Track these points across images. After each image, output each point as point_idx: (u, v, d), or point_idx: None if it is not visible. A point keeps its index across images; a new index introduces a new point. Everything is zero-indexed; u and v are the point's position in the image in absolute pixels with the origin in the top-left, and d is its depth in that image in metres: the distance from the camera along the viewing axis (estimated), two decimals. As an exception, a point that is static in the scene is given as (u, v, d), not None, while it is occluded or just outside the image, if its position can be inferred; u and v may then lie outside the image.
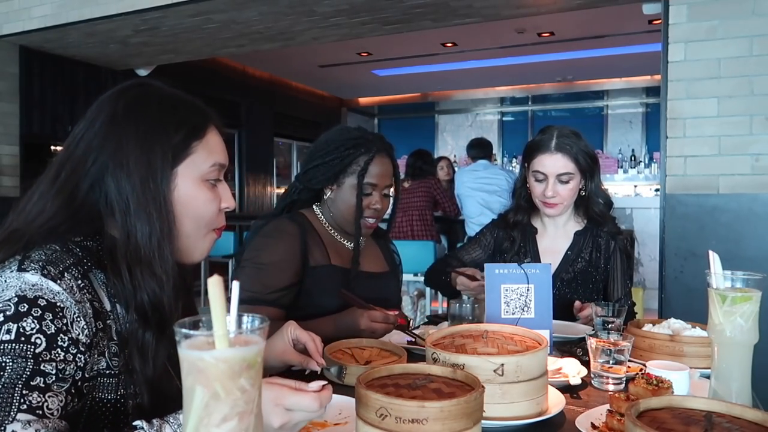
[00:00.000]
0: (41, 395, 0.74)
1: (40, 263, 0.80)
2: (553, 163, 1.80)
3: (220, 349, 0.54)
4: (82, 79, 5.30)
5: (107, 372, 0.84)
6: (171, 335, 0.87)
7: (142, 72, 5.53)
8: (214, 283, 0.55)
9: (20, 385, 0.73)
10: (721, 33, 2.85)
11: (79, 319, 0.80)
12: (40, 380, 0.74)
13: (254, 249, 1.57)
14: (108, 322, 0.84)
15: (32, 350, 0.75)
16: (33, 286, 0.77)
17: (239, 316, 0.58)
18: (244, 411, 0.55)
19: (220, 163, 0.94)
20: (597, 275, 1.85)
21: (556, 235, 1.90)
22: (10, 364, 0.73)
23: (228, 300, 0.57)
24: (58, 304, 0.78)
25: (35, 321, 0.76)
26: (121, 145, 0.87)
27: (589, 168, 1.83)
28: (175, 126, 0.90)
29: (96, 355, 0.82)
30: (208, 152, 0.93)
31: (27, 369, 0.74)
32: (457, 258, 2.00)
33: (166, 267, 0.87)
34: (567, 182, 1.80)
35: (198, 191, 0.92)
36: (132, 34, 4.52)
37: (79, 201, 0.87)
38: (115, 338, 0.85)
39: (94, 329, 0.81)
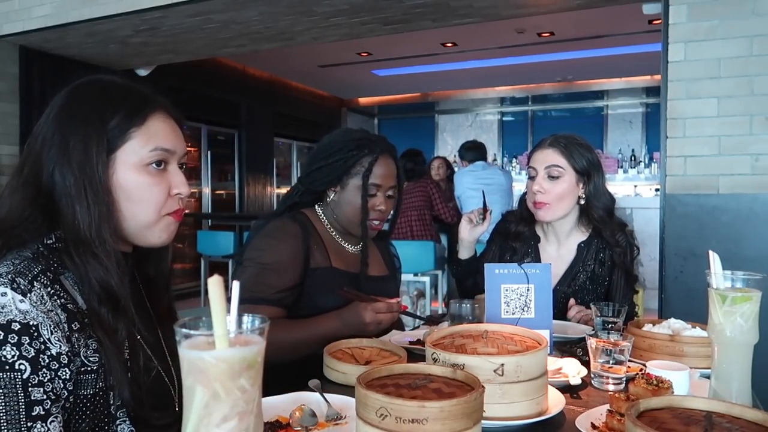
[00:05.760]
0: (44, 424, 0.76)
1: (9, 276, 0.80)
2: (543, 156, 1.79)
3: (220, 349, 0.54)
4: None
5: (82, 369, 0.84)
6: (126, 311, 0.90)
7: (142, 72, 5.53)
8: (214, 283, 0.55)
9: (23, 419, 0.75)
10: (721, 33, 2.85)
11: (55, 330, 0.80)
12: (39, 409, 0.76)
13: (257, 249, 1.56)
14: (85, 320, 0.85)
15: (19, 377, 0.76)
16: (2, 309, 0.78)
17: (239, 316, 0.58)
18: (244, 411, 0.55)
19: (163, 147, 0.94)
20: (600, 288, 1.82)
21: (560, 246, 1.86)
22: (3, 392, 0.75)
23: (228, 300, 0.57)
24: (31, 323, 0.78)
25: (14, 348, 0.76)
26: (64, 135, 0.90)
27: (587, 172, 1.77)
28: (111, 113, 0.92)
29: (72, 356, 0.83)
30: (149, 137, 0.93)
31: (22, 401, 0.75)
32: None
33: (106, 248, 0.88)
34: (557, 178, 1.76)
35: (138, 177, 0.92)
36: (132, 34, 4.52)
37: (44, 192, 0.90)
38: (93, 335, 0.86)
39: (67, 333, 0.82)
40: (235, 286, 0.61)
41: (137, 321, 0.94)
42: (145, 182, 0.93)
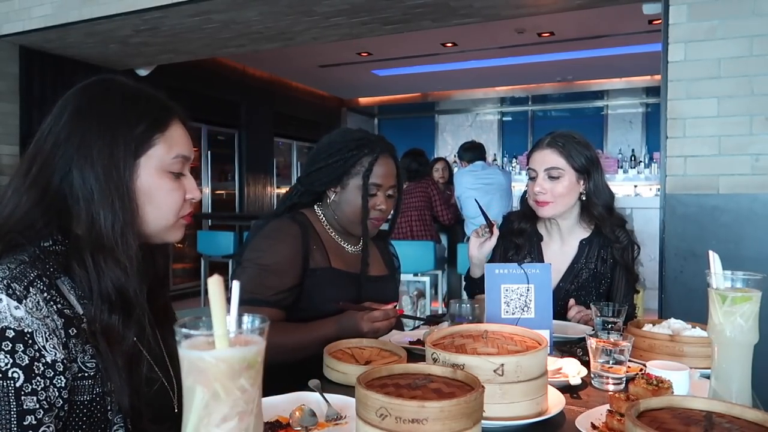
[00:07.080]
0: None
1: (5, 281, 0.79)
2: (542, 158, 1.80)
3: (220, 349, 0.54)
4: (82, 79, 5.12)
5: (79, 375, 0.84)
6: (138, 319, 0.89)
7: (142, 72, 5.53)
8: (214, 283, 0.54)
9: (15, 428, 0.74)
10: (721, 33, 2.85)
11: (51, 337, 0.79)
12: (31, 418, 0.75)
13: (256, 250, 1.56)
14: (82, 326, 0.84)
15: (12, 385, 0.75)
16: None
17: (239, 316, 0.58)
18: (244, 411, 0.55)
19: (183, 155, 0.97)
20: (602, 287, 1.83)
21: (562, 243, 1.86)
22: None
23: (228, 300, 0.57)
24: (26, 330, 0.77)
25: (8, 355, 0.76)
26: (86, 138, 0.90)
27: (586, 169, 1.78)
28: (136, 119, 0.92)
29: (68, 363, 0.82)
30: (171, 144, 0.95)
31: (14, 410, 0.74)
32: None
33: (129, 253, 0.89)
34: (557, 178, 1.77)
35: (160, 182, 0.94)
36: (132, 34, 4.52)
37: (51, 195, 0.89)
38: (90, 340, 0.85)
39: (64, 340, 0.81)
40: (235, 286, 0.61)
41: (148, 331, 0.93)
42: (167, 187, 0.95)
